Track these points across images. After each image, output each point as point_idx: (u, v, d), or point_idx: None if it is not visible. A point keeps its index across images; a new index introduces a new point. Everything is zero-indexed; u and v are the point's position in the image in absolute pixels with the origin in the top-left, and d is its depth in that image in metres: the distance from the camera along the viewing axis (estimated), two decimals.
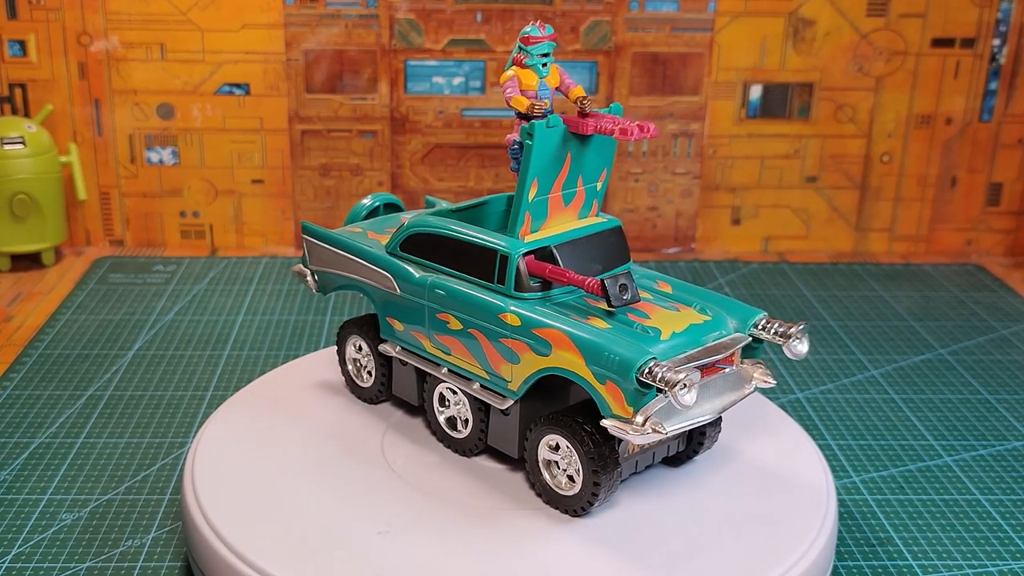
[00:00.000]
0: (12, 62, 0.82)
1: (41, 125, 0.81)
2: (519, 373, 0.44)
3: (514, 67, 0.45)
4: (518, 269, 0.44)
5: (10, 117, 0.81)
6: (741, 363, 0.45)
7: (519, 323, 0.44)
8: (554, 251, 0.45)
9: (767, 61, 0.85)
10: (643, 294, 0.46)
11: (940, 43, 0.86)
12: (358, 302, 0.77)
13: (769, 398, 0.61)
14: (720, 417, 0.47)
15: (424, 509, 0.45)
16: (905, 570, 0.48)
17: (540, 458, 0.45)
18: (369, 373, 0.53)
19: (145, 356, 0.67)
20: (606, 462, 0.43)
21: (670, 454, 0.48)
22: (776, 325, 0.45)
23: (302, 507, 0.45)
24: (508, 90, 0.45)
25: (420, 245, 0.49)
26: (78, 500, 0.52)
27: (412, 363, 0.50)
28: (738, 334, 0.45)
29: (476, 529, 0.44)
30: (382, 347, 0.51)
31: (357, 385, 0.54)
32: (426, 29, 0.83)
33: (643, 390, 0.40)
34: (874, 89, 0.86)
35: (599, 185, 0.47)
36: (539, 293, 0.45)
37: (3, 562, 0.47)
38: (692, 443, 0.48)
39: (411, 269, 0.49)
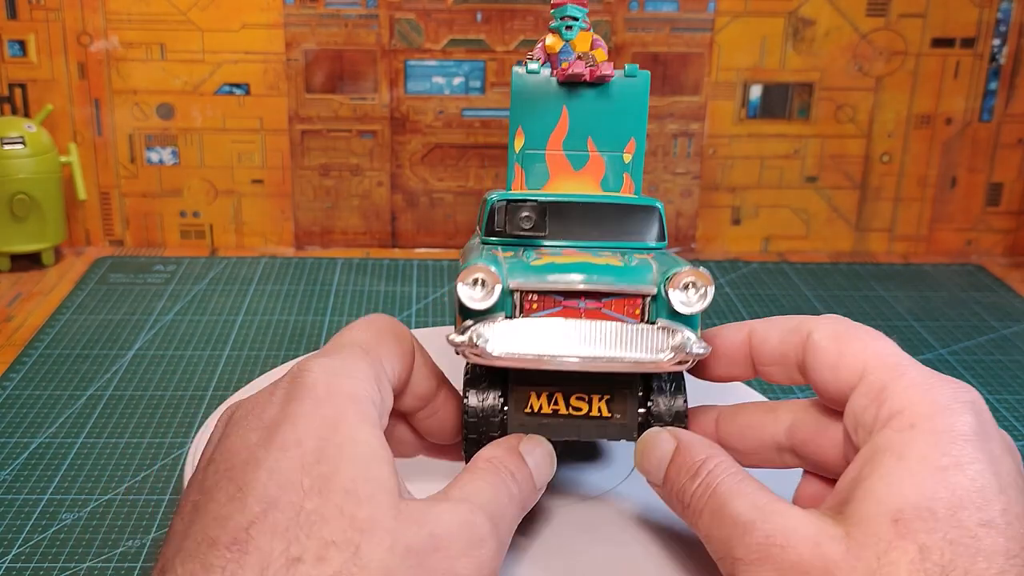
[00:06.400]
0: (12, 62, 0.82)
1: (41, 125, 0.80)
2: None
3: (548, 33, 0.46)
4: (488, 214, 0.43)
5: (10, 117, 0.81)
6: (655, 324, 0.39)
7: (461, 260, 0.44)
8: (546, 209, 0.43)
9: (767, 61, 0.85)
10: (609, 256, 0.41)
11: (940, 43, 0.86)
12: (358, 301, 0.77)
13: (770, 398, 0.61)
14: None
15: None
16: None
17: None
18: None
19: (145, 356, 0.67)
20: (480, 386, 0.40)
21: (610, 438, 0.42)
22: (677, 273, 0.38)
23: None
24: (534, 51, 0.46)
25: None
26: (78, 500, 0.52)
27: None
28: (641, 285, 0.39)
29: None
30: None
31: None
32: (426, 29, 0.83)
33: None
34: (874, 89, 0.86)
35: (626, 156, 0.45)
36: (499, 239, 0.43)
37: (3, 562, 0.47)
38: None
39: None
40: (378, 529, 0.31)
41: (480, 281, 0.37)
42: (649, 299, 0.39)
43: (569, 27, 0.45)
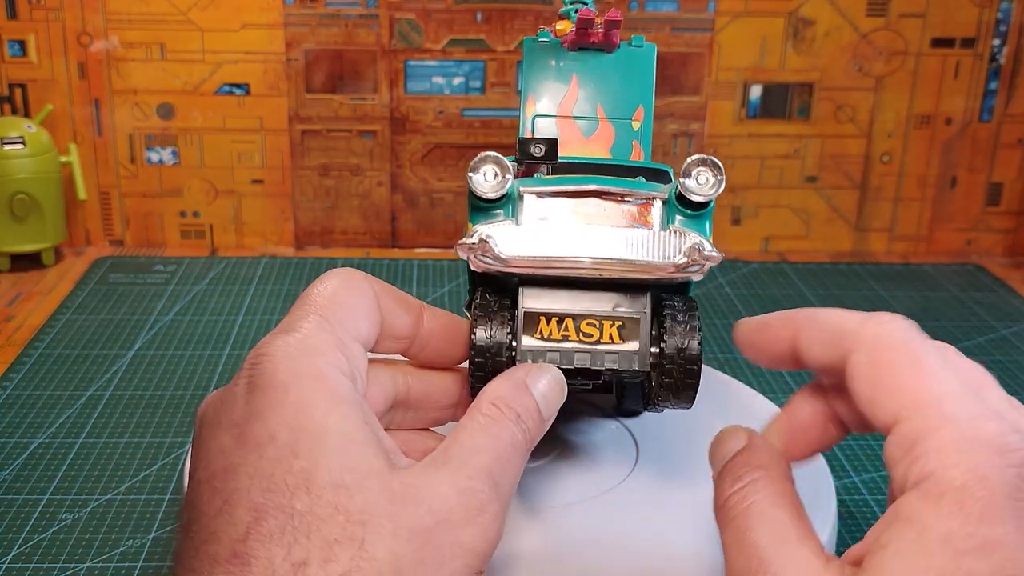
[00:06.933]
0: (12, 62, 0.82)
1: (41, 125, 0.81)
2: None
3: (559, 19, 0.47)
4: None
5: (10, 117, 0.81)
6: (672, 228, 0.38)
7: None
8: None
9: (767, 61, 0.85)
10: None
11: (940, 43, 0.86)
12: None
13: (770, 399, 0.61)
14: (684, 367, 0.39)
15: None
16: None
17: None
18: None
19: (145, 356, 0.67)
20: (489, 313, 0.39)
21: (621, 367, 0.39)
22: (690, 161, 0.38)
23: None
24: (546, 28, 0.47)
25: None
26: (78, 500, 0.52)
27: None
28: (654, 190, 0.39)
29: None
30: None
31: None
32: (426, 29, 0.83)
33: (481, 204, 0.38)
34: (874, 89, 0.86)
35: (636, 124, 0.45)
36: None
37: (3, 562, 0.47)
38: (651, 395, 0.41)
39: None
40: (377, 517, 0.31)
41: (492, 170, 0.37)
42: (661, 204, 0.39)
43: (577, 11, 0.46)
